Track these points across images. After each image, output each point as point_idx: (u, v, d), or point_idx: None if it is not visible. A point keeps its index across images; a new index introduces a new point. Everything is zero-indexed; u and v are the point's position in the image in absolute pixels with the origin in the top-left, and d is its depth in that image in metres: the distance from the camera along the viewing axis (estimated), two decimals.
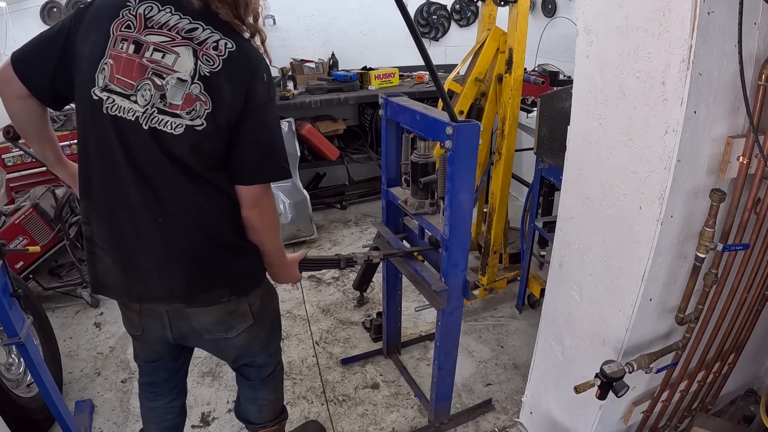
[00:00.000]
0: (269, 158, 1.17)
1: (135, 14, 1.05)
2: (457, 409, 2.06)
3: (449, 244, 1.57)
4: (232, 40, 1.08)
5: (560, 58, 3.58)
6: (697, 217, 1.26)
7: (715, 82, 1.10)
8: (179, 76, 1.04)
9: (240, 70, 1.08)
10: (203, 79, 1.05)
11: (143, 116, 1.05)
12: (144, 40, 1.05)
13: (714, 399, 1.77)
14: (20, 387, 1.89)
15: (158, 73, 1.05)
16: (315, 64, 3.82)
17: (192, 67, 1.04)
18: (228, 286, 1.23)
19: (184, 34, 1.05)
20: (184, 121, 1.06)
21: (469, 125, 1.42)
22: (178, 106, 1.05)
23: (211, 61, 1.05)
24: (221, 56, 1.06)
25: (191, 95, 1.05)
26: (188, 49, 1.05)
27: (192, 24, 1.06)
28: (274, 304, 1.48)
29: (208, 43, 1.06)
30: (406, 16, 1.16)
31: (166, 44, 1.05)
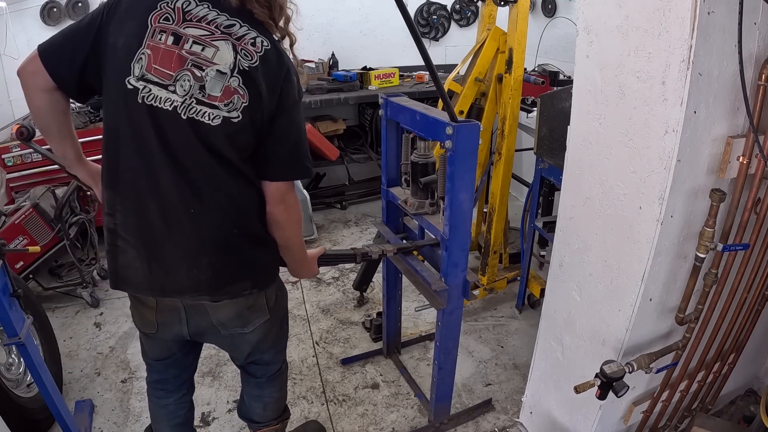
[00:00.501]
0: (296, 157, 1.20)
1: (173, 7, 1.08)
2: (457, 409, 2.06)
3: (449, 244, 1.57)
4: (267, 38, 1.11)
5: (560, 58, 3.58)
6: (697, 217, 1.26)
7: (715, 82, 1.10)
8: (219, 68, 1.07)
9: (275, 68, 1.11)
10: (242, 72, 1.08)
11: (182, 106, 1.06)
12: (183, 32, 1.07)
13: (714, 399, 1.76)
14: (20, 387, 1.89)
15: (198, 65, 1.07)
16: (315, 64, 3.82)
17: (232, 60, 1.07)
18: (251, 278, 1.25)
19: (223, 29, 1.08)
20: (221, 112, 1.08)
21: (469, 125, 1.42)
22: (216, 97, 1.07)
23: (249, 57, 1.08)
24: (258, 53, 1.09)
25: (230, 88, 1.07)
26: (228, 44, 1.07)
27: (230, 20, 1.09)
28: (285, 301, 1.50)
29: (246, 39, 1.09)
30: (406, 16, 1.16)
31: (206, 38, 1.07)
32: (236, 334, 1.34)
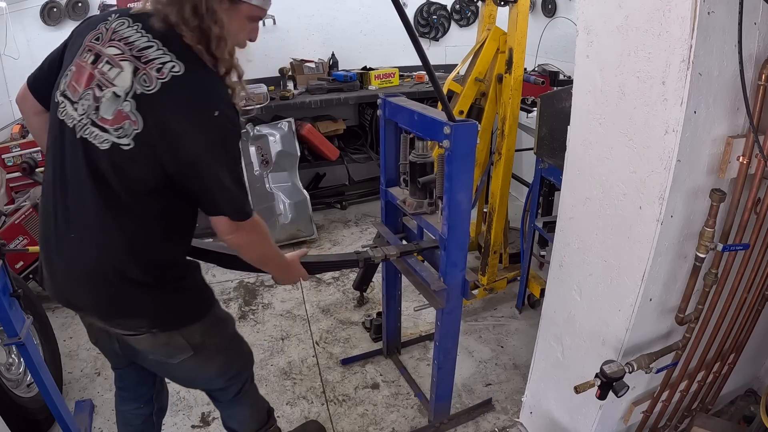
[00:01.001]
0: (224, 198, 1.10)
1: (108, 28, 1.07)
2: (457, 409, 2.05)
3: (448, 244, 1.57)
4: (184, 65, 1.02)
5: (560, 58, 3.58)
6: (697, 217, 1.26)
7: (715, 82, 1.10)
8: (115, 91, 1.02)
9: (181, 98, 1.02)
10: (137, 97, 1.01)
11: (78, 125, 1.05)
12: (103, 52, 1.05)
13: (714, 399, 1.76)
14: (20, 387, 1.89)
15: (100, 85, 1.04)
16: (315, 64, 3.81)
17: (128, 84, 1.01)
18: (144, 318, 1.17)
19: (135, 51, 1.03)
20: (111, 137, 1.02)
21: (466, 125, 1.42)
22: (108, 120, 1.03)
23: (147, 82, 1.01)
24: (161, 79, 1.01)
25: (122, 112, 1.02)
26: (131, 65, 1.02)
27: (149, 42, 1.04)
28: (225, 333, 1.37)
29: (155, 64, 1.01)
30: (405, 19, 1.16)
31: (116, 57, 1.04)
32: (166, 362, 1.26)
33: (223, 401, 1.50)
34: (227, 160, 1.08)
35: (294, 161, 3.39)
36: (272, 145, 3.31)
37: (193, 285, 1.25)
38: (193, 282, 1.24)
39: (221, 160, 1.07)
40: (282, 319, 2.70)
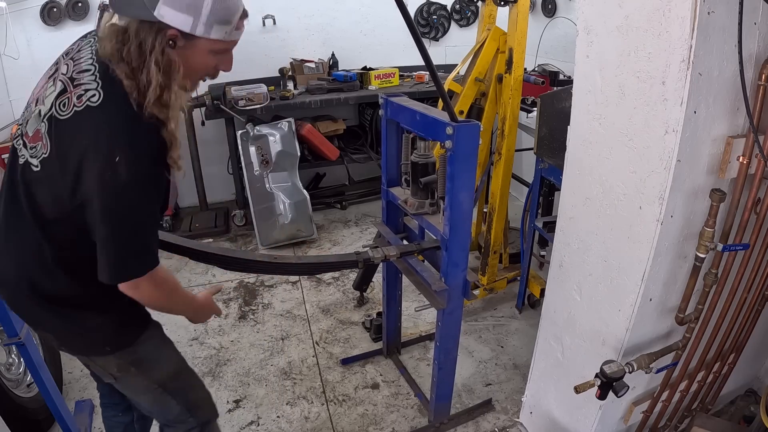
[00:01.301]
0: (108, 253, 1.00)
1: (81, 43, 1.09)
2: (457, 409, 2.06)
3: (449, 244, 1.57)
4: (105, 97, 0.96)
5: (560, 58, 3.58)
6: (697, 217, 1.26)
7: (715, 82, 1.10)
8: (41, 109, 1.02)
9: (85, 132, 0.96)
10: (50, 120, 0.99)
11: (17, 133, 1.08)
12: (60, 66, 1.06)
13: (714, 399, 1.76)
14: (20, 387, 1.89)
15: (38, 99, 1.05)
16: (315, 64, 3.81)
17: (50, 105, 1.00)
18: (56, 337, 1.17)
19: (75, 72, 1.01)
20: (27, 154, 1.02)
21: (469, 125, 1.42)
22: (29, 137, 1.03)
23: (65, 107, 0.98)
24: (77, 107, 0.96)
25: (39, 132, 1.00)
26: (61, 86, 1.01)
27: (90, 65, 1.01)
28: (153, 377, 1.27)
29: (80, 89, 0.98)
30: (407, 16, 1.16)
31: (60, 75, 1.03)
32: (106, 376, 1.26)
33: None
34: (119, 211, 0.98)
35: (294, 161, 3.39)
36: (272, 145, 3.32)
37: (106, 320, 1.15)
38: (108, 317, 1.15)
39: (111, 210, 0.97)
40: (282, 319, 2.70)
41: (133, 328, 1.19)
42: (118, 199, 0.96)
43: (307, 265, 1.63)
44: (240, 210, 3.71)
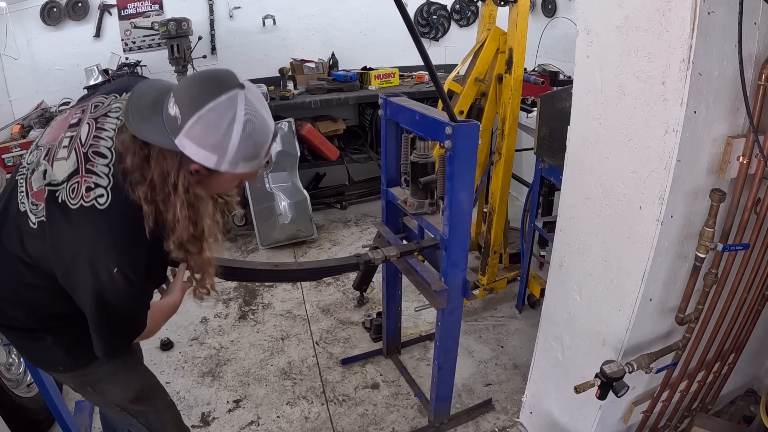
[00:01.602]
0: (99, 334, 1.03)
1: (110, 102, 1.06)
2: (457, 409, 2.05)
3: (449, 244, 1.57)
4: (113, 201, 0.94)
5: (560, 58, 3.58)
6: (697, 217, 1.26)
7: (715, 82, 1.10)
8: (47, 170, 0.99)
9: (87, 234, 0.95)
10: (53, 195, 0.96)
11: (23, 169, 1.05)
12: (82, 123, 1.03)
13: (714, 399, 1.76)
14: (20, 387, 1.89)
15: (49, 153, 1.02)
16: (315, 64, 3.82)
17: (59, 179, 0.97)
18: (13, 345, 1.19)
19: (92, 150, 0.98)
20: (27, 205, 1.00)
21: (468, 125, 1.42)
22: (32, 190, 1.00)
23: (74, 194, 0.95)
24: (84, 201, 0.94)
25: (42, 194, 0.98)
26: (75, 164, 0.97)
27: (108, 149, 0.98)
28: (112, 398, 1.29)
29: (92, 179, 0.95)
30: (406, 16, 1.16)
31: (77, 142, 1.00)
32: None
33: None
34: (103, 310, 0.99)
35: (294, 161, 3.39)
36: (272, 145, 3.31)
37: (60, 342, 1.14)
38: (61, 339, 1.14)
39: (103, 306, 0.99)
40: (282, 319, 2.70)
41: (88, 351, 1.12)
42: (109, 299, 0.98)
43: (309, 271, 1.64)
44: (240, 210, 3.70)
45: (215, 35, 3.63)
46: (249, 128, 0.92)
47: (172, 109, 0.90)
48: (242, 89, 0.91)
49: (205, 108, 0.88)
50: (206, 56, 3.56)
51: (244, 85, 0.92)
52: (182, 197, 0.96)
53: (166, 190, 0.95)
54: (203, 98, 0.89)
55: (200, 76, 0.96)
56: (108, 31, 3.47)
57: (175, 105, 0.90)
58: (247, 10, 3.69)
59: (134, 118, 0.94)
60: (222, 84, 0.90)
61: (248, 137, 0.92)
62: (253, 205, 3.36)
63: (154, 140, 0.93)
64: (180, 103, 0.90)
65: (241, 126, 0.90)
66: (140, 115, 0.94)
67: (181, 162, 0.94)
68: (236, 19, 3.69)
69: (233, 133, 0.90)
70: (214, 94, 0.89)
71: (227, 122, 0.90)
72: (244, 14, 3.70)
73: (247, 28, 3.74)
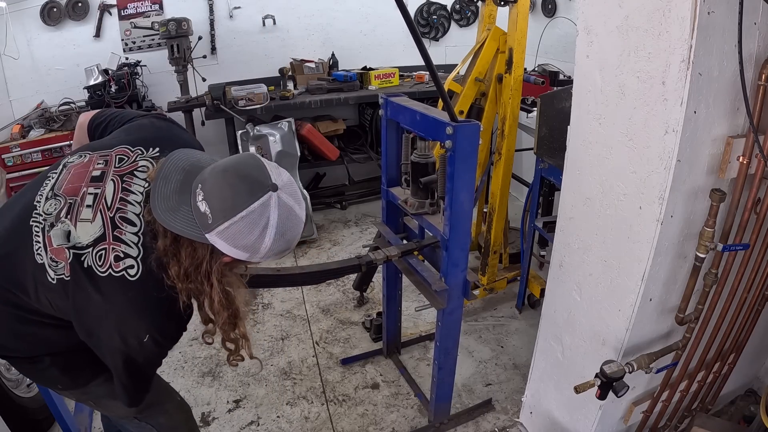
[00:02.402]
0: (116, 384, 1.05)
1: (136, 158, 1.04)
2: (457, 409, 2.05)
3: (449, 244, 1.57)
4: (143, 274, 0.94)
5: (560, 58, 3.58)
6: (697, 217, 1.26)
7: (715, 82, 1.10)
8: (71, 231, 0.96)
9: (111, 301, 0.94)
10: (78, 258, 0.94)
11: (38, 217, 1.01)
12: (107, 178, 1.01)
13: (714, 399, 1.76)
14: (20, 387, 1.89)
15: (71, 209, 0.98)
16: (315, 64, 3.81)
17: (84, 242, 0.95)
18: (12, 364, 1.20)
19: (119, 215, 0.96)
20: (45, 259, 0.97)
21: (469, 125, 1.42)
22: (51, 246, 0.97)
23: (101, 261, 0.94)
24: (114, 271, 0.93)
25: (63, 252, 0.96)
26: (101, 228, 0.95)
27: (137, 216, 0.97)
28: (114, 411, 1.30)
29: (120, 248, 0.94)
30: (407, 16, 1.16)
31: (102, 202, 0.98)
32: None
33: None
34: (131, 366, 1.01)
35: (294, 161, 3.39)
36: (272, 145, 3.31)
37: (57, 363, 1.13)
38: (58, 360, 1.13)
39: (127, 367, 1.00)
40: (282, 319, 2.70)
41: (86, 373, 1.14)
42: (136, 359, 0.99)
43: (311, 275, 1.63)
44: None
45: (215, 35, 3.63)
46: (282, 229, 0.90)
47: (202, 205, 0.88)
48: (275, 191, 0.88)
49: (238, 216, 0.86)
50: (206, 56, 3.56)
51: (278, 185, 0.89)
52: (216, 287, 0.95)
53: (199, 279, 0.95)
54: (236, 204, 0.87)
55: (231, 173, 0.90)
56: (108, 31, 3.46)
57: (205, 202, 0.88)
58: (247, 10, 3.69)
59: (161, 207, 0.91)
60: (254, 187, 0.88)
61: (281, 238, 0.91)
62: None
63: (184, 233, 0.91)
64: (210, 202, 0.88)
65: (274, 231, 0.89)
66: (167, 202, 0.91)
67: (212, 253, 0.93)
68: (236, 19, 3.69)
69: (266, 237, 0.89)
70: (247, 201, 0.87)
71: (260, 228, 0.88)
72: (244, 14, 3.69)
73: (247, 28, 3.74)
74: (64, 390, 1.22)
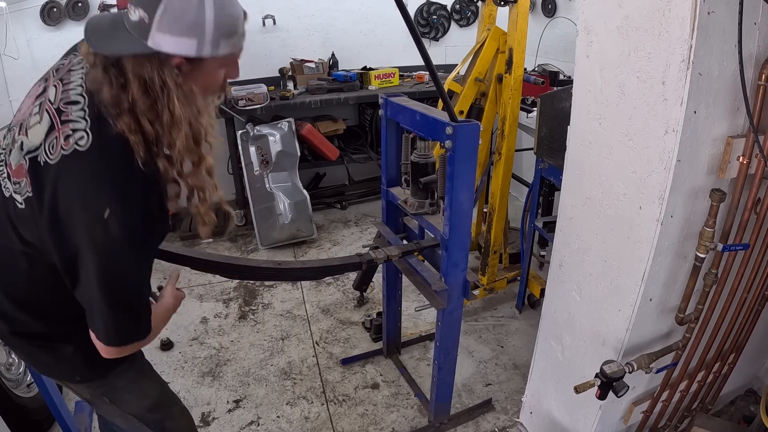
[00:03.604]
0: (101, 315, 0.95)
1: (71, 59, 1.00)
2: (457, 409, 2.05)
3: (449, 244, 1.57)
4: (94, 140, 0.88)
5: (560, 58, 3.58)
6: (697, 217, 1.26)
7: (715, 82, 1.10)
8: (23, 141, 0.93)
9: (72, 181, 0.88)
10: (32, 162, 0.90)
11: (2, 150, 0.99)
12: (48, 88, 0.97)
13: (714, 399, 1.76)
14: (20, 387, 1.89)
15: (22, 126, 0.95)
16: (315, 64, 3.81)
17: (36, 143, 0.91)
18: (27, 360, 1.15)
19: (63, 103, 0.92)
20: (10, 188, 0.94)
21: (468, 125, 1.42)
22: (12, 169, 0.94)
23: (53, 150, 0.88)
24: (64, 150, 0.87)
25: (22, 168, 0.92)
26: (49, 122, 0.91)
27: (79, 95, 0.92)
28: (128, 410, 1.24)
29: (68, 128, 0.89)
30: (406, 16, 1.16)
31: (47, 103, 0.94)
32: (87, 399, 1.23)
33: None
34: (106, 275, 0.91)
35: (294, 161, 3.39)
36: (272, 145, 3.31)
37: (77, 351, 1.10)
38: (78, 348, 1.09)
39: (103, 269, 0.90)
40: (282, 319, 2.70)
41: (106, 361, 1.07)
42: (109, 257, 0.90)
43: (312, 270, 1.63)
44: (240, 210, 3.71)
45: None
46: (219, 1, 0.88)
47: (134, 14, 0.85)
48: None
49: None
50: None
51: None
52: (175, 93, 0.89)
53: (153, 96, 0.89)
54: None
55: None
56: None
57: (137, 9, 0.85)
58: (247, 10, 3.68)
59: (98, 41, 0.88)
60: None
61: (221, 9, 0.88)
62: (253, 205, 3.36)
63: (126, 50, 0.86)
64: (140, 3, 0.85)
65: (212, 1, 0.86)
66: (103, 35, 0.89)
67: (161, 62, 0.87)
68: None
69: (205, 7, 0.86)
70: None
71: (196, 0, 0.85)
72: None
73: (247, 28, 3.72)
74: (81, 382, 1.16)
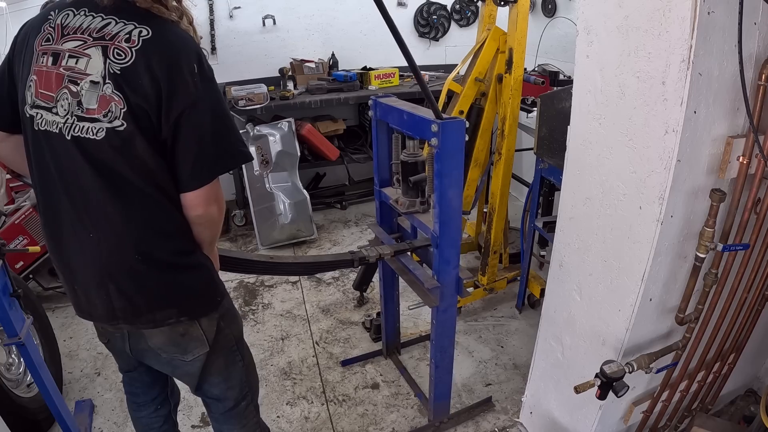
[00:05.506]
0: (218, 145, 1.07)
1: (54, 26, 1.04)
2: (458, 409, 2.05)
3: (440, 242, 1.57)
4: (148, 27, 1.01)
5: (560, 58, 3.58)
6: (697, 217, 1.25)
7: (715, 82, 1.10)
8: (92, 79, 1.00)
9: (158, 57, 1.00)
10: (113, 77, 0.99)
11: (65, 126, 1.02)
12: (61, 49, 1.02)
13: (714, 399, 1.76)
14: (20, 387, 1.89)
15: (73, 80, 1.01)
16: (315, 64, 3.82)
17: (102, 67, 1.00)
18: (174, 306, 1.15)
19: (95, 33, 1.01)
20: (103, 124, 1.00)
21: (453, 121, 1.42)
22: (94, 110, 1.00)
23: (122, 55, 0.99)
24: (134, 47, 0.99)
25: (105, 96, 1.00)
26: (98, 49, 1.00)
27: (104, 20, 1.01)
28: (233, 332, 1.33)
29: (120, 36, 1.00)
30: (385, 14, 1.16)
31: (79, 48, 1.01)
32: (177, 360, 1.24)
33: (215, 413, 1.41)
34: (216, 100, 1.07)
35: (294, 161, 3.39)
36: (272, 145, 3.32)
37: (209, 270, 1.21)
38: (209, 267, 1.21)
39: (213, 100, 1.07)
40: (282, 319, 2.70)
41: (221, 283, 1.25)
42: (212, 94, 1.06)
43: (304, 265, 1.64)
44: (240, 210, 3.71)
45: (215, 35, 3.64)
46: None
47: None
48: None
49: None
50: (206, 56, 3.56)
51: None
52: None
53: None
54: None
55: None
56: None
57: None
58: (247, 10, 3.69)
59: None
60: None
61: None
62: (253, 205, 3.36)
63: None
64: None
65: None
66: None
67: None
68: (236, 19, 3.69)
69: None
70: None
71: None
72: (244, 14, 3.70)
73: (247, 28, 3.74)
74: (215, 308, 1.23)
